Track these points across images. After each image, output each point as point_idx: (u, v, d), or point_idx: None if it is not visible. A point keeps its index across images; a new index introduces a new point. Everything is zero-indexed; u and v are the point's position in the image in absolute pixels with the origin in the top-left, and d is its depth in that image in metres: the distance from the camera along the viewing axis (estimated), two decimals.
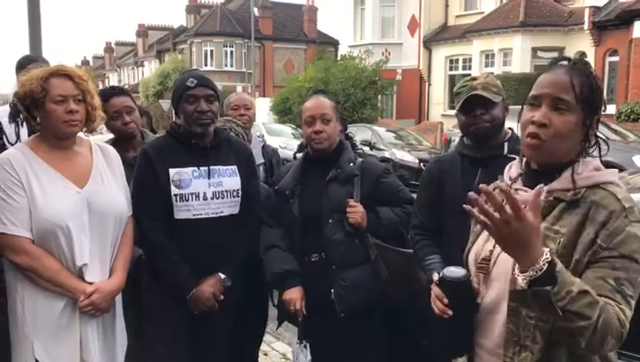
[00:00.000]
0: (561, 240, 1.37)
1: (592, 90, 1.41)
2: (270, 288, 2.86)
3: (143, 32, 45.89)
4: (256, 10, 30.07)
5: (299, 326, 2.57)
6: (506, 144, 2.27)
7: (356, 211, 2.46)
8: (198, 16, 38.18)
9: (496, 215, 1.20)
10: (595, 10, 18.04)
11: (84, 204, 2.14)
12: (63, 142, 2.20)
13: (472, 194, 1.22)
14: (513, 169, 1.61)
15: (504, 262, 1.44)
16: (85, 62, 55.15)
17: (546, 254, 1.22)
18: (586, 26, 18.15)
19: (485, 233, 1.55)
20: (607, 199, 1.37)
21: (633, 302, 1.32)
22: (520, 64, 19.58)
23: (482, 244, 1.56)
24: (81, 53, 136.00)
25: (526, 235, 1.20)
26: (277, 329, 3.01)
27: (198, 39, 34.69)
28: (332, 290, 2.47)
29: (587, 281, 1.30)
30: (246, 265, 2.61)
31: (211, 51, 34.39)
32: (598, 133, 1.46)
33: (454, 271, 1.51)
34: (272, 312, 2.95)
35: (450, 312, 1.48)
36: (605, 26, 17.91)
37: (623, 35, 17.24)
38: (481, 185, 1.22)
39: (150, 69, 41.67)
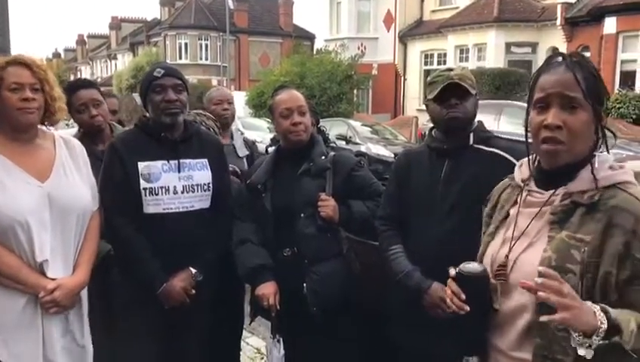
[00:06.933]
0: (586, 249, 1.31)
1: (596, 82, 1.38)
2: (243, 283, 2.84)
3: (116, 24, 45.22)
4: (231, 3, 29.82)
5: (272, 321, 2.56)
6: (471, 135, 2.27)
7: (327, 205, 2.46)
8: (173, 8, 37.75)
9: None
10: (568, 6, 18.32)
11: (45, 198, 2.08)
12: (22, 134, 2.12)
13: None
14: (524, 168, 1.54)
15: (523, 268, 1.40)
16: (57, 55, 54.18)
17: (598, 311, 1.21)
18: (558, 22, 18.39)
19: (499, 236, 1.51)
20: (629, 203, 1.30)
21: None
22: (494, 59, 19.79)
23: (497, 249, 1.49)
24: (52, 45, 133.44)
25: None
26: (250, 324, 2.99)
27: (172, 32, 34.32)
28: (304, 285, 2.46)
29: (636, 304, 1.28)
30: (219, 260, 2.58)
31: (186, 44, 34.07)
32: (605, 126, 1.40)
33: (472, 266, 1.44)
34: (246, 307, 2.93)
35: (468, 308, 1.41)
36: (577, 23, 18.18)
37: (594, 32, 17.51)
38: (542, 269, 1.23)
39: (124, 62, 41.13)
